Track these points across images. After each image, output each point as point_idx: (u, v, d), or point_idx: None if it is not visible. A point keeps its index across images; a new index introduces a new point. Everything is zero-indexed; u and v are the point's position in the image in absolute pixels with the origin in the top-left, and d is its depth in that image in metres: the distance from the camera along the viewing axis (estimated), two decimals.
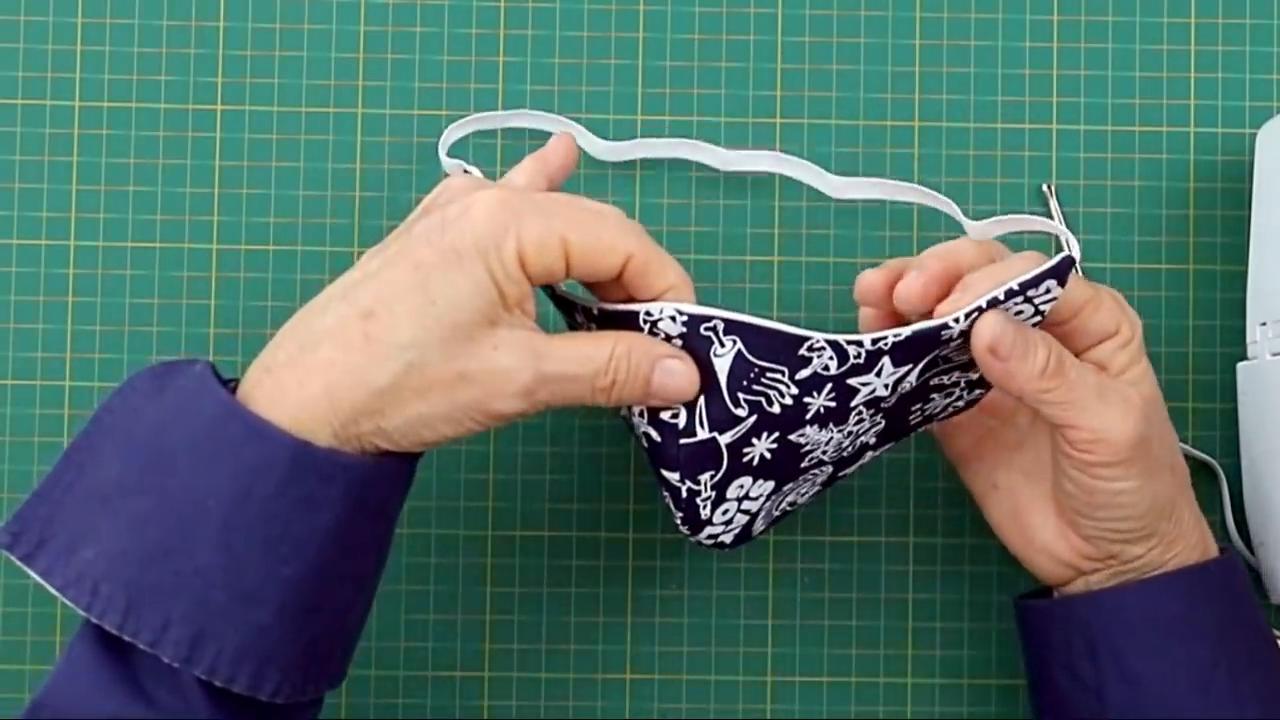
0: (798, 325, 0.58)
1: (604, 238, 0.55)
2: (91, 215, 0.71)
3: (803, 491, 0.63)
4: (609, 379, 0.56)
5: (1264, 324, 0.68)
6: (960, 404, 0.63)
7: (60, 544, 0.54)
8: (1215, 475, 0.71)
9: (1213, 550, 0.63)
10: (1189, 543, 0.61)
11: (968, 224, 0.69)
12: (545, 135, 0.70)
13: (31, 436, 0.70)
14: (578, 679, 0.70)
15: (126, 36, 0.71)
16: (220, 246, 0.71)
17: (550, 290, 0.60)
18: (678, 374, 0.57)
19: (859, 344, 0.57)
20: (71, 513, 0.54)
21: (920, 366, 0.59)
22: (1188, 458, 0.71)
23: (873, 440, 0.62)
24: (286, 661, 0.54)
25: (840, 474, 0.64)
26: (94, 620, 0.53)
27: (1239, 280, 0.71)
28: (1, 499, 0.70)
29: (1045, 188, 0.71)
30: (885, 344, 0.57)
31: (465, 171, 0.64)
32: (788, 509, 0.64)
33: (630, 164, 0.71)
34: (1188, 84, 0.72)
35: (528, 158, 0.61)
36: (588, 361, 0.56)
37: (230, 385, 0.56)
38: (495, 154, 0.71)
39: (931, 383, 0.61)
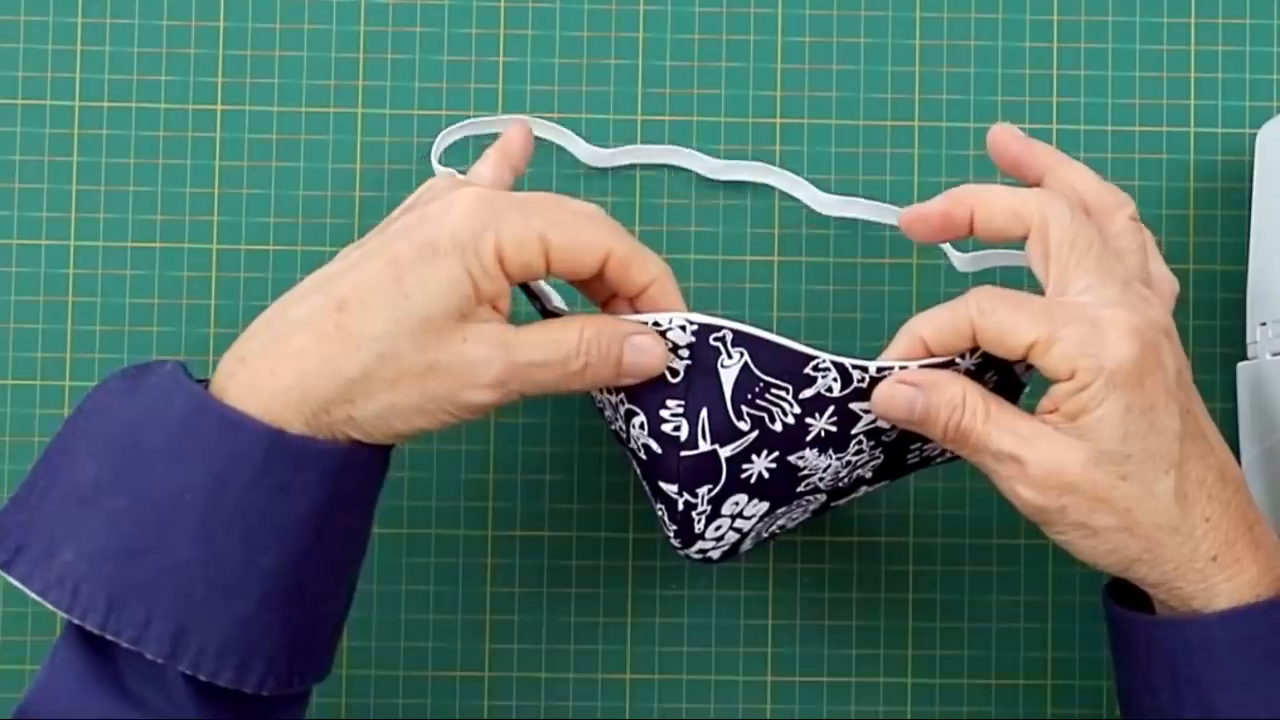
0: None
1: (583, 235, 0.56)
2: (91, 215, 0.71)
3: (794, 516, 0.63)
4: (581, 361, 0.56)
5: (1264, 324, 0.68)
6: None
7: (38, 548, 0.54)
8: None
9: None
10: (1248, 573, 0.56)
11: (954, 255, 0.69)
12: (540, 141, 0.70)
13: (31, 436, 0.70)
14: (578, 679, 0.70)
15: (126, 36, 0.71)
16: (220, 246, 0.71)
17: (539, 302, 0.60)
18: (647, 350, 0.57)
19: (864, 369, 0.57)
20: (48, 516, 0.54)
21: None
22: None
23: (869, 474, 0.62)
24: (271, 653, 0.54)
25: (833, 504, 0.64)
26: (75, 622, 0.53)
27: (1239, 280, 0.71)
28: (3, 499, 0.70)
29: None
30: (889, 374, 0.57)
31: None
32: (776, 531, 0.64)
33: (630, 164, 0.71)
34: (1188, 84, 0.72)
35: (489, 150, 0.62)
36: (556, 346, 0.56)
37: (202, 384, 0.56)
38: None
39: None
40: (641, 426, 0.58)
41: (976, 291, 0.56)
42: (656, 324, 0.57)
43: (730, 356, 0.57)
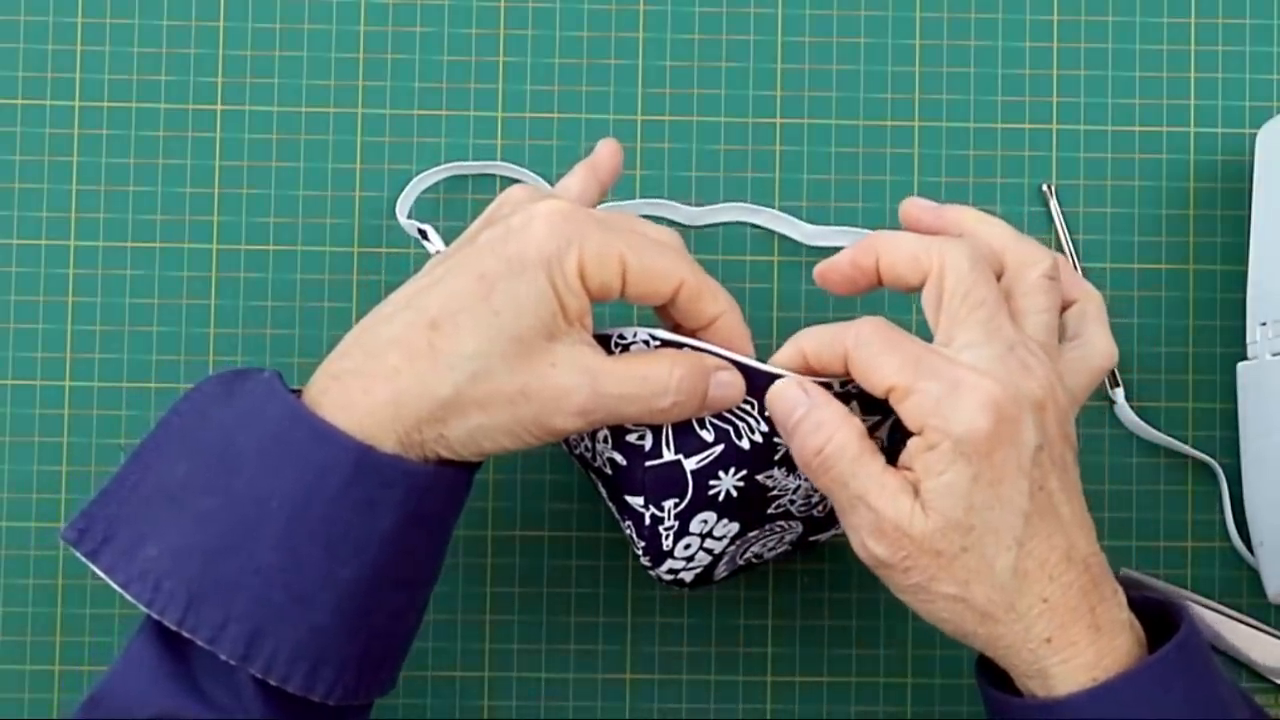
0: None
1: (660, 262, 0.57)
2: (91, 215, 0.71)
3: (769, 545, 0.63)
4: (669, 400, 0.56)
5: (1264, 324, 0.68)
6: None
7: (124, 541, 0.55)
8: (1215, 475, 0.71)
9: (1133, 642, 0.56)
10: (1083, 656, 0.55)
11: None
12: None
13: (31, 436, 0.70)
14: (578, 679, 0.70)
15: (126, 36, 0.71)
16: (220, 246, 0.71)
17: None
18: (730, 385, 0.57)
19: (828, 386, 0.57)
20: (136, 511, 0.55)
21: (889, 423, 0.59)
22: (1188, 458, 0.71)
23: None
24: (341, 663, 0.55)
25: (812, 537, 0.63)
26: (154, 616, 0.54)
27: (1239, 280, 0.71)
28: (1, 499, 0.70)
29: (1045, 188, 0.71)
30: (853, 387, 0.57)
31: (421, 233, 0.66)
32: (753, 560, 0.64)
33: (630, 164, 0.71)
34: (1188, 84, 0.72)
35: (579, 165, 0.63)
36: (644, 382, 0.56)
37: (295, 393, 0.57)
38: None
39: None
40: (606, 440, 0.59)
41: (864, 321, 0.56)
42: (621, 336, 0.57)
43: None
